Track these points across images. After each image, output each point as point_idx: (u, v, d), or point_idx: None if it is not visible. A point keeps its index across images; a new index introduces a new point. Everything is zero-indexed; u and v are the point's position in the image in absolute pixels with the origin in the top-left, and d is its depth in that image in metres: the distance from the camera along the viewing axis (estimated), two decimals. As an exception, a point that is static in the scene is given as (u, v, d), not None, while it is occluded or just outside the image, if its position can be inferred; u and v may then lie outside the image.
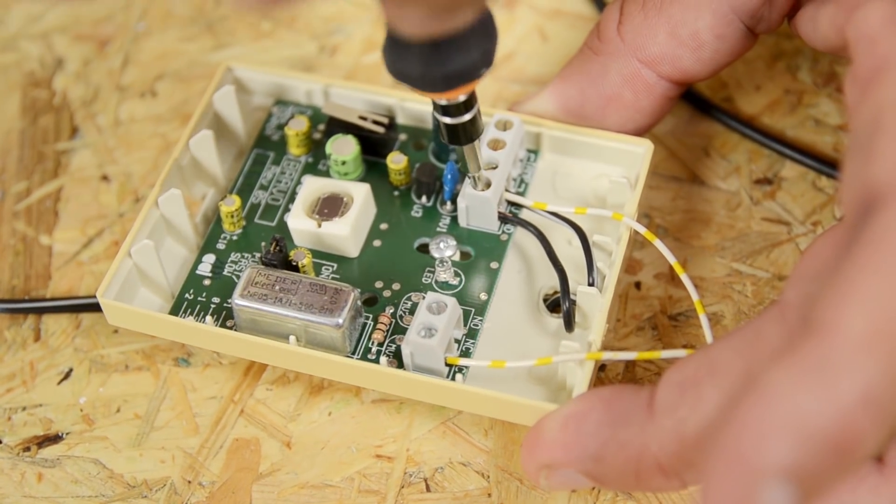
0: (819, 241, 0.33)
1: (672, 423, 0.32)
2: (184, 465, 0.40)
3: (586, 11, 0.51)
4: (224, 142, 0.45)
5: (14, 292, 0.44)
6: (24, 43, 0.52)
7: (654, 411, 0.33)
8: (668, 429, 0.33)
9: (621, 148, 0.43)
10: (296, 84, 0.46)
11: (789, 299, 0.32)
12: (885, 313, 0.28)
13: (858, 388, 0.28)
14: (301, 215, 0.42)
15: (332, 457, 0.40)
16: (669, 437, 0.32)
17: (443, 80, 0.35)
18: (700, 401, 0.32)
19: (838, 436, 0.28)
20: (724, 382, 0.32)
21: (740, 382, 0.31)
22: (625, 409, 0.34)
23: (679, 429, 0.32)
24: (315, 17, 0.52)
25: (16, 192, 0.47)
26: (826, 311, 0.29)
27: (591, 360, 0.37)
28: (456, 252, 0.42)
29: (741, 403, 0.29)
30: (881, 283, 0.28)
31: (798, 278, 0.33)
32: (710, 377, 0.32)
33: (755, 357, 0.32)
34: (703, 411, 0.32)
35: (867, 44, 0.32)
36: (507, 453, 0.40)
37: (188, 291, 0.42)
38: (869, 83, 0.31)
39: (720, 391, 0.32)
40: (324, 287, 0.39)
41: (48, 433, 0.41)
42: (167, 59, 0.51)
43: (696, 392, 0.32)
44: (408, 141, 0.45)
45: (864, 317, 0.28)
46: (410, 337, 0.38)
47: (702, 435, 0.32)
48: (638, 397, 0.34)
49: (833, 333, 0.28)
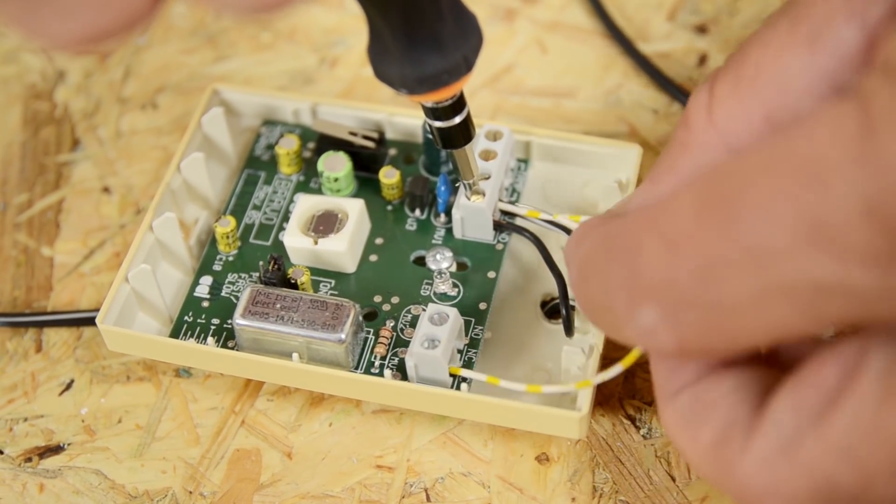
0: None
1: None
2: (185, 475, 0.40)
3: (586, 23, 0.51)
4: (214, 163, 0.46)
5: (16, 303, 0.45)
6: (26, 55, 0.52)
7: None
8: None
9: (611, 153, 0.43)
10: (283, 104, 0.46)
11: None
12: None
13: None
14: (297, 233, 0.42)
15: (333, 467, 0.40)
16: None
17: (421, 81, 0.35)
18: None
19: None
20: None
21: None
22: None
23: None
24: (315, 30, 0.52)
25: (17, 203, 0.48)
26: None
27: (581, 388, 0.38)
28: (452, 263, 0.42)
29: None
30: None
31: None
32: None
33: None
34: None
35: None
36: (507, 464, 0.40)
37: (187, 314, 0.42)
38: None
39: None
40: (324, 303, 0.40)
41: (49, 444, 0.41)
42: (168, 71, 0.51)
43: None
44: (398, 155, 0.45)
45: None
46: (414, 349, 0.38)
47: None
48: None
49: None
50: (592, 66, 0.50)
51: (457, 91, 0.37)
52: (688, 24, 0.51)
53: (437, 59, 0.35)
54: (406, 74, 0.35)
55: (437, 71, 0.35)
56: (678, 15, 0.51)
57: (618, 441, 0.40)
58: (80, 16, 0.27)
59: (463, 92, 0.37)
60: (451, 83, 0.36)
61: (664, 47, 0.50)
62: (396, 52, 0.34)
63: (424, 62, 0.35)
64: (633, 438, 0.40)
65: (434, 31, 0.34)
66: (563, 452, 0.40)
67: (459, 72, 0.35)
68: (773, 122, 0.33)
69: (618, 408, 0.41)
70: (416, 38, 0.34)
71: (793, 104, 0.33)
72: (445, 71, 0.35)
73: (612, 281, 0.31)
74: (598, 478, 0.39)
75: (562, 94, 0.49)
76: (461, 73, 0.35)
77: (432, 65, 0.35)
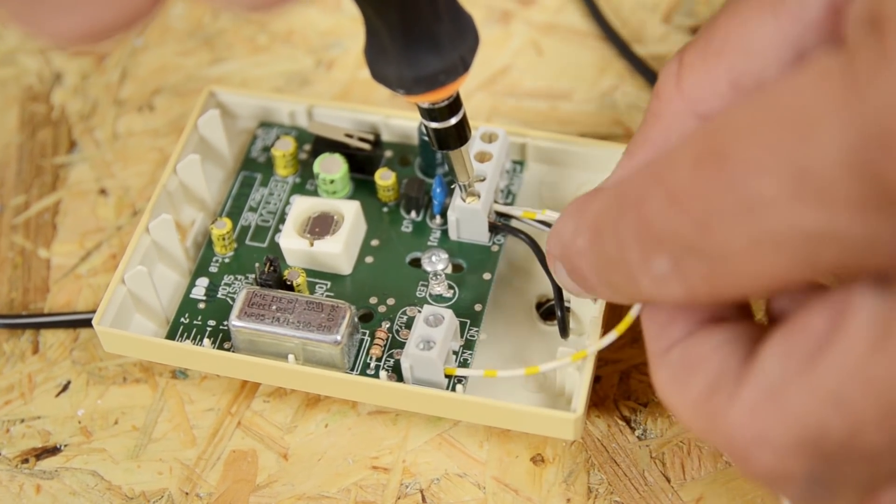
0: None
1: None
2: (181, 476, 0.40)
3: (581, 26, 0.51)
4: (211, 165, 0.46)
5: (13, 305, 0.45)
6: (23, 57, 0.52)
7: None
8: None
9: (606, 155, 0.43)
10: (279, 106, 0.46)
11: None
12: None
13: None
14: (293, 235, 0.42)
15: (329, 468, 0.40)
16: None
17: (418, 81, 0.35)
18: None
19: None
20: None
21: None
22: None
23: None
24: (312, 32, 0.52)
25: (14, 205, 0.48)
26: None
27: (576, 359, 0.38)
28: (448, 265, 0.42)
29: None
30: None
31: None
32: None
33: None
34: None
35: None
36: (502, 465, 0.40)
37: (184, 315, 0.42)
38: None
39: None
40: (320, 305, 0.40)
41: (46, 445, 0.41)
42: (165, 73, 0.51)
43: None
44: (393, 157, 0.45)
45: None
46: (410, 350, 0.38)
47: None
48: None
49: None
50: (588, 69, 0.50)
51: (453, 92, 0.37)
52: (683, 27, 0.51)
53: (434, 59, 0.35)
54: (403, 75, 0.35)
55: (434, 71, 0.35)
56: (673, 17, 0.51)
57: (613, 442, 0.40)
58: (80, 12, 0.27)
59: (459, 93, 0.38)
60: (448, 83, 0.36)
61: (660, 49, 0.50)
62: (393, 53, 0.34)
63: (421, 62, 0.35)
64: (627, 439, 0.40)
65: (431, 32, 0.34)
66: (559, 453, 0.40)
67: (456, 72, 0.36)
68: (740, 87, 0.34)
69: (613, 409, 0.41)
70: (414, 38, 0.34)
71: (758, 70, 0.34)
72: (442, 71, 0.35)
73: (626, 235, 0.31)
74: (594, 479, 0.39)
75: (557, 96, 0.49)
76: (458, 74, 0.36)
77: (429, 65, 0.35)
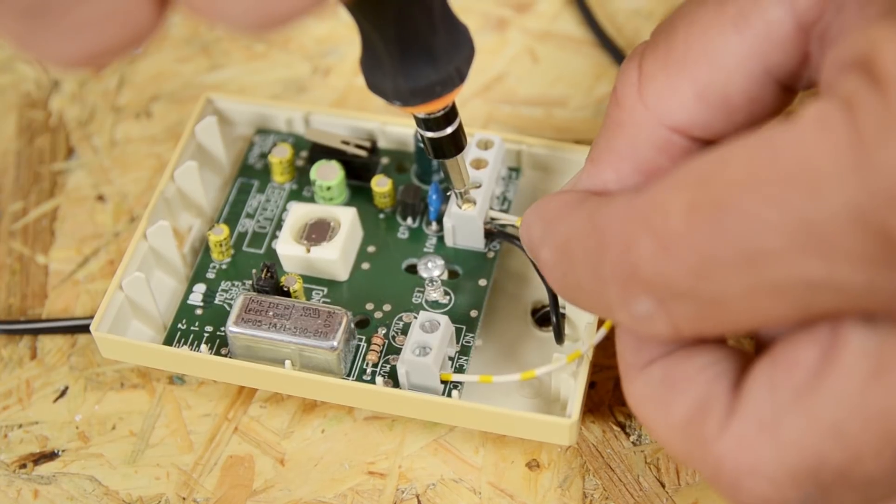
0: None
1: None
2: (178, 481, 0.40)
3: (577, 33, 0.52)
4: (208, 172, 0.46)
5: (11, 311, 0.45)
6: (21, 64, 0.52)
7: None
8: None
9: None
10: (276, 113, 0.46)
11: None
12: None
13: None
14: (289, 241, 0.42)
15: (325, 473, 0.40)
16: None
17: (415, 93, 0.35)
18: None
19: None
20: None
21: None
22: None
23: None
24: (308, 39, 0.52)
25: (12, 211, 0.48)
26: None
27: (572, 360, 0.38)
28: (444, 271, 0.42)
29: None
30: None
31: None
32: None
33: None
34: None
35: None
36: (498, 470, 0.40)
37: (181, 321, 0.42)
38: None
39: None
40: (317, 311, 0.40)
41: (44, 450, 0.41)
42: (162, 80, 0.51)
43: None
44: (390, 164, 0.46)
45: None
46: (406, 356, 0.39)
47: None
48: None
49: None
50: (583, 76, 0.50)
51: (449, 102, 0.37)
52: (678, 34, 0.51)
53: (430, 71, 0.35)
54: (399, 87, 0.35)
55: (430, 83, 0.35)
56: (668, 25, 0.51)
57: (608, 447, 0.40)
58: (83, 35, 0.27)
59: (455, 103, 0.38)
60: (444, 95, 0.36)
61: (654, 57, 0.50)
62: (389, 65, 0.35)
63: (417, 74, 0.35)
64: (622, 445, 0.40)
65: (427, 44, 0.34)
66: (554, 459, 0.40)
67: (452, 83, 0.36)
68: (705, 99, 0.34)
69: (608, 415, 0.41)
70: (410, 50, 0.34)
71: (723, 82, 0.34)
72: (438, 83, 0.35)
73: (605, 271, 0.31)
74: (589, 484, 0.40)
75: (553, 103, 0.49)
76: (454, 85, 0.36)
77: (425, 77, 0.35)
